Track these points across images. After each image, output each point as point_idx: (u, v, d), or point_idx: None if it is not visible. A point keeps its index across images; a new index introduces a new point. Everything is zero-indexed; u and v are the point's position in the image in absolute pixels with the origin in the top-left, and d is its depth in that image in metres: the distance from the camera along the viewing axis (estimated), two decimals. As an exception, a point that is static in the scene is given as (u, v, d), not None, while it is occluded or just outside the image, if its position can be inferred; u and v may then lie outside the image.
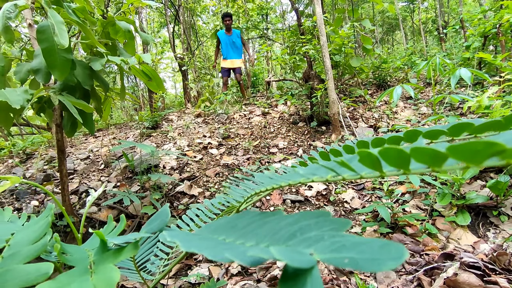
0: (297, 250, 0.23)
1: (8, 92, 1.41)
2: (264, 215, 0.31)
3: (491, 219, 1.79)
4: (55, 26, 1.21)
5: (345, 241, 0.22)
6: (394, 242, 0.21)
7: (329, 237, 0.23)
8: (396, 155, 0.25)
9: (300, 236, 0.25)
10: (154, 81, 2.00)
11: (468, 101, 2.22)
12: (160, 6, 8.88)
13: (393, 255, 0.20)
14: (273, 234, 0.26)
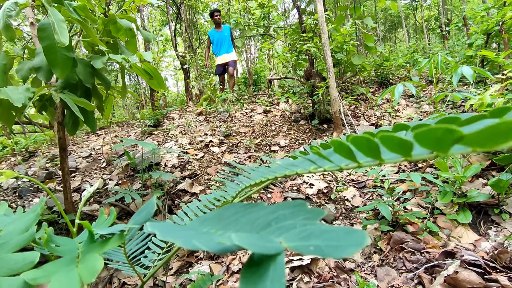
0: (267, 238, 0.23)
1: (10, 90, 1.41)
2: (248, 206, 0.32)
3: (492, 217, 1.79)
4: (55, 24, 1.21)
5: (314, 229, 0.23)
6: (358, 229, 0.22)
7: (301, 225, 0.24)
8: (367, 144, 0.25)
9: (275, 225, 0.25)
10: (155, 79, 2.00)
11: (470, 99, 2.21)
12: (161, 5, 8.87)
13: (355, 242, 0.21)
14: (252, 223, 0.27)
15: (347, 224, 2.01)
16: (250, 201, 2.33)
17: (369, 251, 1.72)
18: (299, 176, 2.64)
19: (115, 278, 1.76)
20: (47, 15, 1.35)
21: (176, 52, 7.50)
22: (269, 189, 2.51)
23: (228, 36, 5.47)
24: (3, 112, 1.65)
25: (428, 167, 2.36)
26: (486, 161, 2.19)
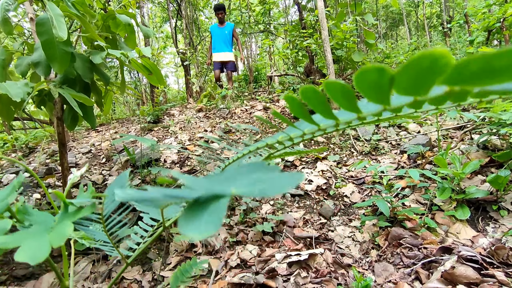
0: (222, 186, 0.25)
1: (9, 85, 1.42)
2: (224, 171, 0.33)
3: (490, 213, 1.79)
4: (53, 18, 1.21)
5: (265, 177, 0.24)
6: (299, 173, 0.23)
7: (253, 176, 0.25)
8: (341, 89, 0.24)
9: (234, 179, 0.27)
10: (154, 75, 2.00)
11: (470, 96, 2.21)
12: (162, 1, 8.85)
13: (293, 180, 0.23)
14: (219, 178, 0.28)
15: (346, 220, 2.02)
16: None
17: (367, 247, 1.72)
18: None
19: (113, 273, 1.77)
20: (45, 10, 1.35)
21: (176, 49, 7.49)
22: (268, 185, 2.51)
23: (229, 34, 5.16)
24: (2, 107, 1.66)
25: (427, 164, 2.36)
26: (485, 158, 2.19)
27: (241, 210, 2.12)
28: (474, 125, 2.60)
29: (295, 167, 2.79)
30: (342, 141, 3.22)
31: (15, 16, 4.46)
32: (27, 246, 0.23)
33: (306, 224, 2.01)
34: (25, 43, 1.79)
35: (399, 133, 3.20)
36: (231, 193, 0.22)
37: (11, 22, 1.31)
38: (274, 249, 1.77)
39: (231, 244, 1.85)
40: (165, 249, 1.89)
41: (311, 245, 1.78)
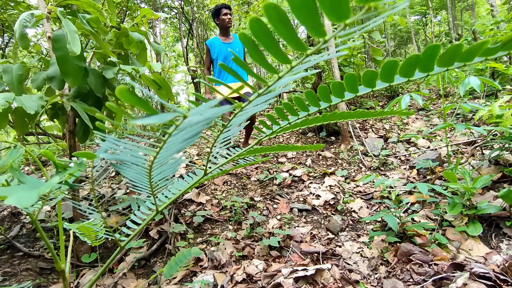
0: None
1: (24, 99, 1.47)
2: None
3: (504, 230, 1.74)
4: (68, 35, 1.27)
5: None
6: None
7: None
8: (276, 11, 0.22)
9: None
10: (163, 89, 2.06)
11: (480, 110, 2.19)
12: (174, 21, 9.15)
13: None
14: None
15: (354, 235, 1.98)
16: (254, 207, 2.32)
17: (375, 262, 1.68)
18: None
19: (119, 286, 1.76)
20: (61, 27, 1.42)
21: (187, 66, 7.67)
22: (275, 200, 2.50)
23: (240, 52, 3.20)
24: (17, 119, 1.72)
25: (437, 179, 2.32)
26: (497, 173, 2.14)
27: (247, 225, 2.11)
28: (484, 140, 2.56)
29: (303, 182, 2.77)
30: (351, 157, 3.20)
31: (35, 36, 4.66)
32: (16, 194, 0.25)
33: (313, 239, 1.98)
34: (42, 59, 1.87)
35: (408, 149, 3.17)
36: (184, 113, 0.24)
37: (29, 38, 1.38)
38: (281, 264, 1.74)
39: (237, 259, 1.83)
40: (170, 262, 1.88)
41: (318, 261, 1.75)
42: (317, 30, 0.22)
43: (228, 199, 2.48)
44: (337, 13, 0.20)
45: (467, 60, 0.28)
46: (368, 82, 0.34)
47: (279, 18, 0.21)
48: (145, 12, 2.03)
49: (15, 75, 1.63)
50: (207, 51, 3.14)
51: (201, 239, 2.04)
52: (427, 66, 0.28)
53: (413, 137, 3.05)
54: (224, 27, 3.10)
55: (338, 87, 0.36)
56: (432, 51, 0.26)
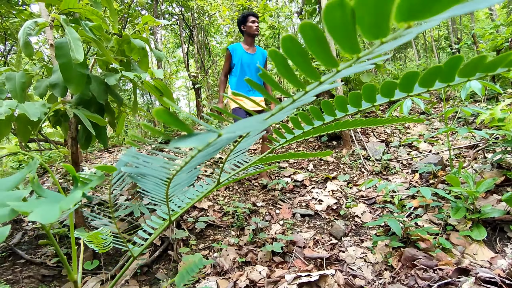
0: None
1: (27, 106, 1.48)
2: None
3: (508, 234, 1.73)
4: (71, 42, 1.28)
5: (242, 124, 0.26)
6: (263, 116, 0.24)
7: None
8: (313, 31, 0.23)
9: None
10: (165, 96, 2.06)
11: (481, 114, 2.19)
12: (175, 27, 9.21)
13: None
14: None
15: (357, 240, 1.97)
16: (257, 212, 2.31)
17: (379, 268, 1.67)
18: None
19: (122, 293, 1.75)
20: (64, 34, 1.43)
21: (188, 72, 7.70)
22: (277, 205, 2.50)
23: (263, 64, 2.99)
24: (20, 126, 1.72)
25: (440, 183, 2.32)
26: (500, 177, 2.14)
27: (250, 230, 2.10)
28: (487, 144, 2.55)
29: (305, 187, 2.76)
30: (352, 161, 3.19)
31: (36, 43, 4.69)
32: (39, 210, 0.25)
33: (316, 244, 1.97)
34: (45, 66, 1.88)
35: (410, 153, 3.16)
36: (219, 132, 0.24)
37: (32, 46, 1.39)
38: (284, 270, 1.73)
39: (240, 265, 1.82)
40: (173, 269, 1.87)
41: (321, 266, 1.74)
42: (354, 48, 0.23)
43: (230, 204, 2.47)
44: (376, 32, 0.21)
45: (490, 71, 0.28)
46: (387, 93, 0.34)
47: (316, 38, 0.21)
48: (147, 19, 2.04)
49: (18, 82, 1.64)
50: (228, 56, 2.86)
51: (203, 245, 2.03)
52: (448, 77, 0.28)
53: (415, 141, 3.05)
54: (250, 35, 2.87)
55: (356, 97, 0.36)
56: (454, 62, 0.26)
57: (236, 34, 6.98)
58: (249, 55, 2.86)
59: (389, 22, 0.20)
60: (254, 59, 2.88)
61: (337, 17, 0.20)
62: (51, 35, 1.82)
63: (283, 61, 0.24)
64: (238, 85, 2.87)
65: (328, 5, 0.20)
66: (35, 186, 0.38)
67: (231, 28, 8.64)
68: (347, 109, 0.39)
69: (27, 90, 1.83)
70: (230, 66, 2.89)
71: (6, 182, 0.38)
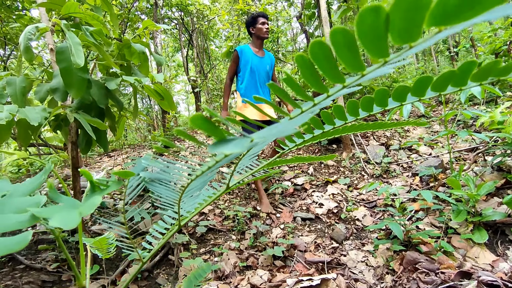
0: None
1: (27, 110, 1.48)
2: None
3: (510, 237, 1.72)
4: (72, 47, 1.28)
5: (279, 126, 0.27)
6: (304, 115, 0.25)
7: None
8: (344, 36, 0.24)
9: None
10: (166, 100, 2.06)
11: (481, 117, 2.19)
12: (174, 32, 9.24)
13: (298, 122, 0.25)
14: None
15: (358, 244, 1.96)
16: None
17: (381, 271, 1.67)
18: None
19: (122, 298, 1.74)
20: (65, 40, 1.43)
21: (187, 76, 7.72)
22: (278, 209, 2.49)
23: (270, 71, 2.78)
24: (20, 131, 1.72)
25: (440, 186, 2.32)
26: (501, 179, 2.14)
27: (251, 234, 2.09)
28: (486, 147, 2.56)
29: (305, 191, 2.76)
30: (353, 164, 3.19)
31: (36, 48, 4.69)
32: (59, 215, 0.25)
33: (317, 248, 1.96)
34: (45, 71, 1.88)
35: (410, 156, 3.17)
36: (252, 138, 0.24)
37: (33, 51, 1.39)
38: (285, 274, 1.72)
39: (241, 269, 1.81)
40: (174, 274, 1.86)
41: (323, 270, 1.73)
42: (383, 53, 0.23)
43: (231, 208, 2.47)
44: (406, 37, 0.21)
45: (503, 75, 0.28)
46: (399, 97, 0.34)
47: (346, 44, 0.22)
48: (147, 23, 2.05)
49: (18, 87, 1.64)
50: (235, 58, 2.62)
51: (204, 250, 2.03)
52: (461, 81, 0.29)
53: (415, 144, 3.05)
54: (259, 37, 2.67)
55: (368, 102, 0.36)
56: (468, 66, 0.27)
57: (236, 38, 7.00)
58: (259, 58, 2.68)
59: (421, 27, 0.20)
60: (263, 63, 2.70)
61: (369, 22, 0.20)
62: (51, 40, 1.82)
63: (310, 65, 0.25)
64: (247, 91, 2.64)
65: (362, 11, 0.20)
66: (53, 192, 0.38)
67: (230, 33, 8.67)
68: (359, 113, 0.39)
69: (27, 94, 1.83)
70: (236, 68, 2.68)
71: (24, 188, 0.38)
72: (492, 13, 0.18)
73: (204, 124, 0.24)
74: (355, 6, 4.50)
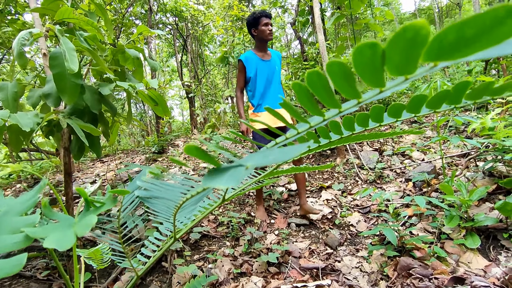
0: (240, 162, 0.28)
1: (19, 116, 1.46)
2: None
3: (502, 242, 1.74)
4: (66, 52, 1.27)
5: (276, 152, 0.27)
6: (301, 145, 0.25)
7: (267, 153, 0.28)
8: (340, 69, 0.25)
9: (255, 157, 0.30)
10: (160, 105, 2.06)
11: (472, 123, 2.23)
12: (169, 37, 9.24)
13: (299, 149, 0.26)
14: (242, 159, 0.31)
15: (353, 250, 1.96)
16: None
17: (375, 277, 1.67)
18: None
19: (114, 307, 1.71)
20: (59, 45, 1.42)
21: (182, 81, 7.71)
22: (272, 215, 2.49)
23: (279, 71, 2.61)
24: (11, 137, 1.70)
25: (433, 192, 2.34)
26: (492, 185, 2.17)
27: (245, 241, 2.08)
28: (478, 152, 2.59)
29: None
30: (346, 170, 3.21)
31: (28, 52, 4.65)
32: (54, 235, 0.24)
33: (312, 254, 1.96)
34: (38, 76, 1.86)
35: (403, 161, 3.19)
36: (247, 164, 0.24)
37: (26, 56, 1.38)
38: (280, 281, 1.72)
39: (236, 276, 1.80)
40: (167, 281, 1.84)
41: (317, 276, 1.72)
42: (379, 83, 0.24)
43: (225, 214, 2.46)
44: (402, 70, 0.22)
45: (496, 95, 0.29)
46: (394, 114, 0.35)
47: (343, 75, 0.23)
48: (141, 29, 2.05)
49: (10, 92, 1.63)
50: (242, 68, 2.45)
51: (198, 256, 2.01)
52: (455, 100, 0.30)
53: (408, 150, 3.08)
54: (263, 40, 2.45)
55: (364, 118, 0.37)
56: (462, 86, 0.27)
57: (230, 44, 7.02)
58: (265, 62, 2.48)
59: (417, 62, 0.21)
60: (271, 66, 2.50)
61: (366, 56, 0.21)
62: (45, 45, 1.81)
63: (307, 93, 0.25)
64: (259, 101, 2.47)
65: (358, 47, 0.21)
66: (47, 210, 0.37)
67: (224, 38, 8.70)
68: (354, 128, 0.41)
69: (19, 100, 1.81)
70: (245, 79, 2.49)
71: (18, 206, 0.37)
72: (487, 53, 0.19)
73: (198, 153, 0.25)
74: (348, 13, 4.56)
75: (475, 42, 0.18)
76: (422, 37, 0.19)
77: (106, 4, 5.32)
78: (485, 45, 0.18)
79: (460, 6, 13.12)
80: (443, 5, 16.37)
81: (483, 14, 0.17)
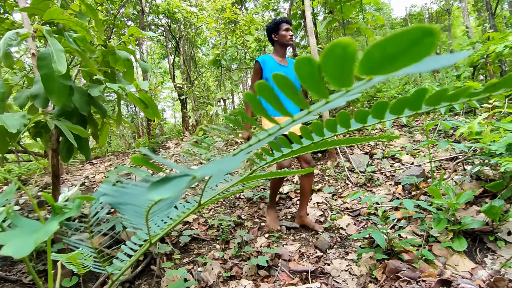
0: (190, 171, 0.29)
1: (5, 117, 1.43)
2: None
3: (488, 244, 1.77)
4: (54, 53, 1.26)
5: (221, 162, 0.28)
6: (240, 156, 0.27)
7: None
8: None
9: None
10: (150, 108, 2.04)
11: (460, 128, 2.26)
12: (161, 39, 9.21)
13: (237, 161, 0.27)
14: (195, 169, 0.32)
15: (342, 253, 1.97)
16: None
17: (364, 280, 1.68)
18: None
19: (101, 311, 1.69)
20: (47, 45, 1.41)
21: (174, 83, 7.68)
22: (263, 218, 2.48)
23: (296, 80, 2.27)
24: (-3, 138, 1.67)
25: (422, 195, 2.36)
26: (479, 188, 2.20)
27: (235, 244, 2.07)
28: (466, 156, 2.63)
29: (290, 199, 2.77)
30: (337, 173, 3.22)
31: (17, 52, 4.58)
32: (12, 242, 0.24)
33: (301, 257, 1.96)
34: (26, 76, 1.83)
35: (393, 165, 3.23)
36: (194, 174, 0.25)
37: (13, 56, 1.36)
38: (269, 284, 1.71)
39: (225, 279, 1.79)
40: (156, 284, 1.82)
41: (307, 280, 1.73)
42: (322, 94, 0.27)
43: (216, 217, 2.45)
44: (341, 82, 0.24)
45: (453, 101, 0.30)
46: (361, 119, 0.37)
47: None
48: (133, 30, 2.03)
49: (-3, 93, 1.60)
50: (258, 70, 2.42)
51: (187, 260, 2.00)
52: (416, 106, 0.31)
53: (398, 153, 3.11)
54: (283, 45, 2.48)
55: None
56: (420, 94, 0.29)
57: (223, 47, 7.03)
58: (282, 67, 2.46)
59: (352, 76, 0.22)
60: (288, 73, 2.48)
61: (306, 70, 0.23)
62: (33, 45, 1.79)
63: (258, 103, 0.27)
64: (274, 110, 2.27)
65: (297, 60, 0.23)
66: (13, 216, 0.37)
67: (217, 41, 8.71)
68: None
69: (6, 100, 1.78)
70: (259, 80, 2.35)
71: None
72: (410, 69, 0.20)
73: (144, 163, 0.27)
74: (340, 17, 4.61)
75: (398, 60, 0.20)
76: (349, 54, 0.21)
77: (97, 5, 5.27)
78: (407, 62, 0.20)
79: (450, 12, 13.38)
80: (433, 11, 16.66)
81: (402, 34, 0.19)
